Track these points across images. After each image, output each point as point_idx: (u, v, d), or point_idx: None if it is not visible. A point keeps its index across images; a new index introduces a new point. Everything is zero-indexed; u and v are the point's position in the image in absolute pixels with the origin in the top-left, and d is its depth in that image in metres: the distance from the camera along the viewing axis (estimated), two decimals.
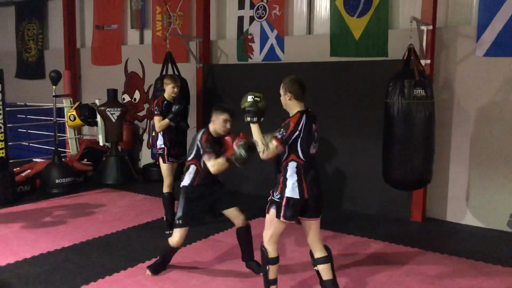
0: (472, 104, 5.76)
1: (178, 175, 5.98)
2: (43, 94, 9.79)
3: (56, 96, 7.56)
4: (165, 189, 5.47)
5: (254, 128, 3.55)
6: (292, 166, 3.41)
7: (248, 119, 3.58)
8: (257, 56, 7.48)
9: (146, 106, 9.02)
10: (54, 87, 7.45)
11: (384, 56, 6.16)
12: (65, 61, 9.86)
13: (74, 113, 8.22)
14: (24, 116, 10.14)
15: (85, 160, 8.39)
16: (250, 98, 3.63)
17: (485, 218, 5.76)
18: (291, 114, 3.48)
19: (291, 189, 3.40)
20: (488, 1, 5.49)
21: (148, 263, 4.47)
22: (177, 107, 5.34)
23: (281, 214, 3.43)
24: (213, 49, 8.02)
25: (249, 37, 7.53)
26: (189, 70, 7.86)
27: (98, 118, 8.18)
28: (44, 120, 9.40)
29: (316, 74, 6.69)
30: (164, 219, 5.58)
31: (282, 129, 3.38)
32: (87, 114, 8.22)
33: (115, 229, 5.53)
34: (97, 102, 8.33)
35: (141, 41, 9.21)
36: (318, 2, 7.03)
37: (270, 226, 3.54)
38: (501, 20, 5.42)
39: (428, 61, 5.73)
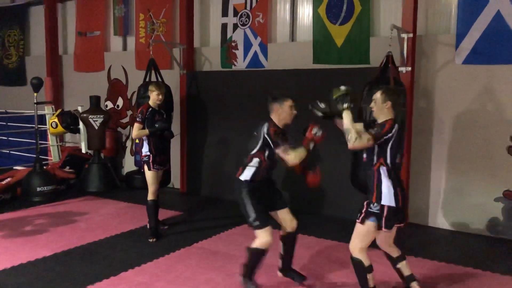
0: (451, 110, 5.87)
1: (162, 183, 5.99)
2: (25, 101, 9.65)
3: (37, 103, 7.47)
4: (150, 196, 5.44)
5: (348, 115, 3.54)
6: (383, 172, 3.47)
7: (345, 105, 3.57)
8: (240, 63, 7.51)
9: (129, 113, 8.97)
10: (35, 94, 7.37)
11: (366, 63, 6.25)
12: (47, 68, 9.77)
13: (56, 120, 8.14)
14: (4, 123, 10.00)
15: (67, 167, 8.29)
16: (343, 87, 3.66)
17: (465, 223, 5.85)
18: (380, 121, 3.54)
19: (388, 197, 3.44)
20: (466, 11, 5.63)
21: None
22: (162, 125, 5.35)
23: (383, 225, 3.46)
24: (196, 56, 8.03)
25: (233, 44, 7.57)
26: (172, 77, 7.85)
27: (81, 125, 8.12)
28: (26, 127, 9.27)
29: (299, 81, 6.75)
30: (148, 226, 5.54)
31: (377, 128, 3.47)
32: (69, 121, 8.15)
33: (97, 237, 5.47)
34: (79, 109, 8.26)
35: (124, 47, 9.18)
36: (301, 10, 7.10)
37: (364, 238, 3.57)
38: (478, 29, 5.56)
39: (409, 69, 5.82)
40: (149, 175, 5.42)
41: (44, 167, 7.55)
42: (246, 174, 3.88)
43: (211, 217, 6.52)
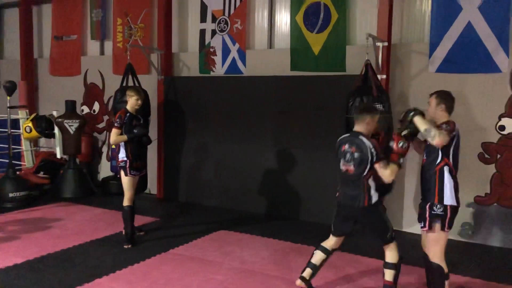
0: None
1: (139, 189, 5.93)
2: None
3: (10, 107, 7.33)
4: (126, 202, 5.39)
5: (420, 118, 3.60)
6: (446, 172, 3.52)
7: (412, 113, 3.67)
8: (219, 69, 7.53)
9: (105, 118, 8.88)
10: (8, 97, 7.23)
11: (342, 70, 6.35)
12: (21, 71, 9.60)
13: (30, 124, 7.98)
14: None
15: (42, 173, 8.14)
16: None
17: None
18: (438, 123, 3.58)
19: (450, 197, 3.50)
20: (439, 21, 5.78)
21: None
22: (141, 131, 5.33)
23: (446, 226, 3.53)
24: (175, 62, 8.01)
25: (211, 50, 7.58)
26: (150, 82, 7.81)
27: (56, 130, 7.98)
28: None
29: (276, 88, 6.81)
30: (124, 233, 5.48)
31: (445, 125, 3.51)
32: (44, 125, 8.00)
33: (72, 244, 5.38)
34: (54, 113, 8.13)
35: (102, 52, 9.09)
36: (279, 17, 7.17)
37: (438, 242, 3.60)
38: (451, 38, 5.72)
39: (384, 76, 5.94)
40: (126, 180, 5.38)
41: (17, 173, 7.40)
42: (374, 198, 3.72)
43: (187, 223, 6.49)
